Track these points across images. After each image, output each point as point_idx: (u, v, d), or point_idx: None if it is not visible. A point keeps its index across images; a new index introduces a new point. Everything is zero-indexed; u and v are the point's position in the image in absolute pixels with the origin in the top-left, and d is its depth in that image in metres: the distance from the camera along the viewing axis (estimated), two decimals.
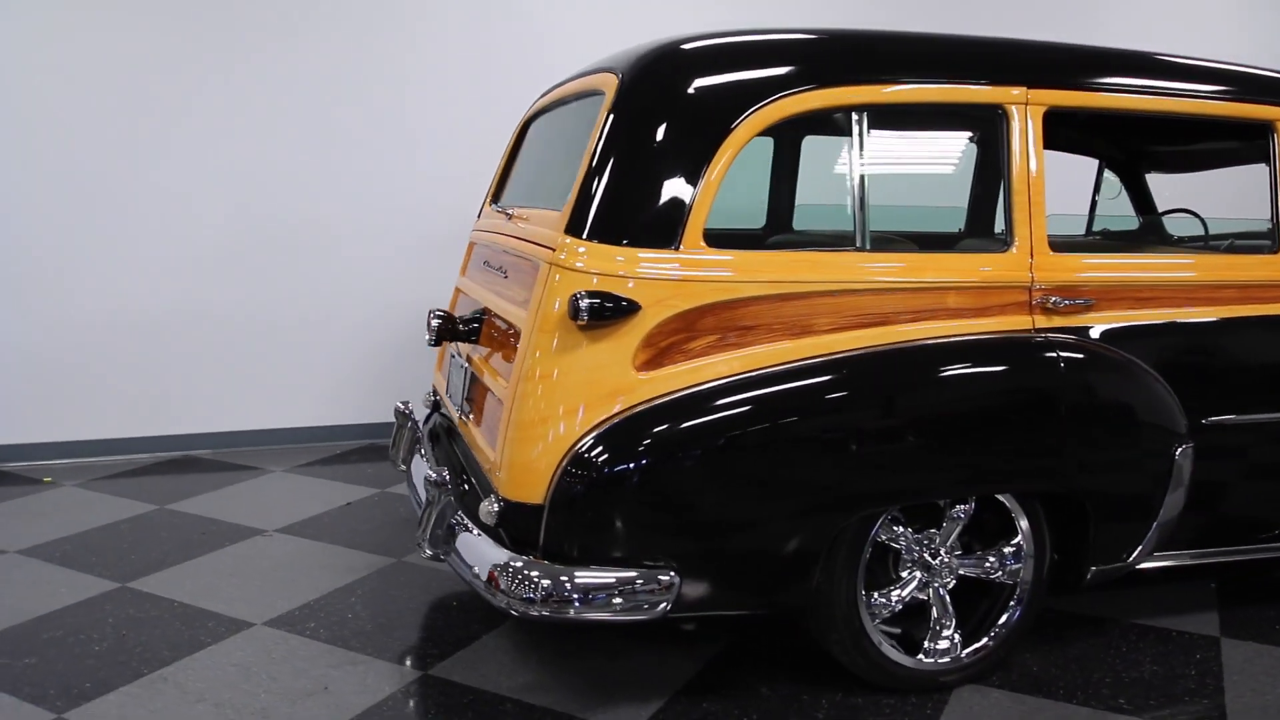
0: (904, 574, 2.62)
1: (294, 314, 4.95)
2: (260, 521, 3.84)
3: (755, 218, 3.93)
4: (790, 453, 2.35)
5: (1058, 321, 2.61)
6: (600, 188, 2.37)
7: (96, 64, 4.52)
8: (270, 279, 4.89)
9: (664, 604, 2.29)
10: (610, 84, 2.52)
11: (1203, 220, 4.03)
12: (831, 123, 3.42)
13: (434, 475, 2.54)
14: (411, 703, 2.53)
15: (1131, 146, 4.22)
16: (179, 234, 4.72)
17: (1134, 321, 2.69)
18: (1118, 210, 4.20)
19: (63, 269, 4.56)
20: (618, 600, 2.26)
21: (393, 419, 3.31)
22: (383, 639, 2.86)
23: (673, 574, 2.28)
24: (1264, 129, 2.93)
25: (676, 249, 2.34)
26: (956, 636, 2.65)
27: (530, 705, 2.52)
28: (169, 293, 4.72)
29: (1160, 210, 4.28)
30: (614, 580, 2.26)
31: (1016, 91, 2.60)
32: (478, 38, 5.07)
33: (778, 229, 3.85)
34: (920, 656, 2.61)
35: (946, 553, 2.62)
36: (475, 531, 2.44)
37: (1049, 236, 2.63)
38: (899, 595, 2.60)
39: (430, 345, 2.98)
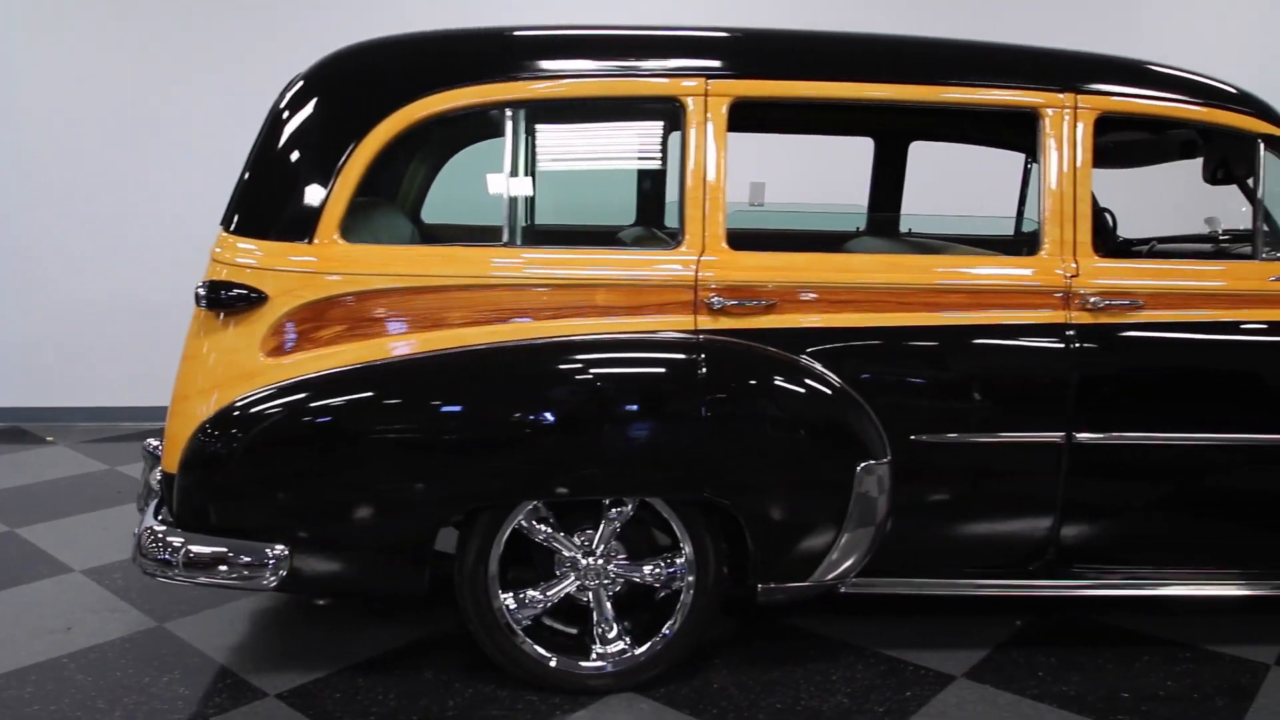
0: (559, 573, 2.60)
1: None
2: None
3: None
4: (391, 444, 2.41)
5: (725, 323, 2.49)
6: (246, 185, 2.54)
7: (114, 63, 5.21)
8: None
9: (274, 577, 2.42)
10: None
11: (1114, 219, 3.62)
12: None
13: (151, 445, 2.81)
14: (122, 647, 2.81)
15: None
16: (173, 230, 5.31)
17: (823, 326, 2.52)
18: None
19: (76, 260, 5.29)
20: (225, 568, 2.42)
21: None
22: (156, 595, 3.15)
23: (282, 549, 2.41)
24: (1028, 119, 2.63)
25: (309, 242, 2.46)
26: (623, 642, 2.60)
27: (210, 660, 2.74)
28: (167, 280, 5.34)
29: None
30: (223, 549, 2.42)
31: (694, 83, 2.52)
32: None
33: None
34: (585, 658, 2.59)
35: (601, 554, 2.57)
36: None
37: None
38: (551, 593, 2.58)
39: None
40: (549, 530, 2.56)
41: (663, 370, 2.45)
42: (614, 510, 2.55)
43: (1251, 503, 2.71)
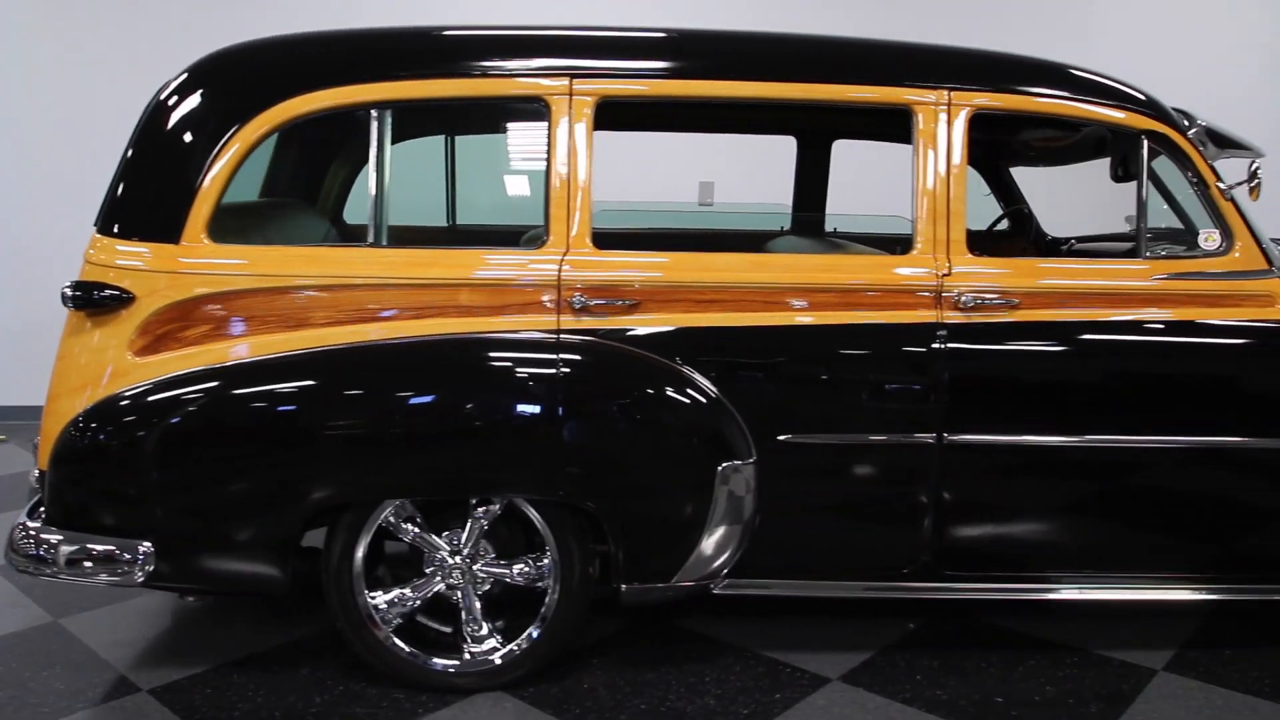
0: (428, 571, 2.60)
1: None
2: None
3: None
4: (249, 443, 2.43)
5: (588, 323, 2.49)
6: (118, 186, 2.56)
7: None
8: None
9: (141, 573, 2.44)
10: None
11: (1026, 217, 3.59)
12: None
13: (35, 441, 2.84)
14: (10, 643, 2.85)
15: (987, 139, 3.77)
16: None
17: (686, 325, 2.51)
18: None
19: (35, 259, 5.36)
20: (91, 564, 2.44)
21: None
22: (60, 592, 3.18)
23: (148, 546, 2.43)
24: (903, 115, 2.61)
25: (176, 243, 2.48)
26: (494, 641, 2.60)
27: (95, 656, 2.77)
28: None
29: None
30: (90, 546, 2.44)
31: (558, 82, 2.52)
32: None
33: None
34: (457, 657, 2.59)
35: (468, 554, 2.57)
36: None
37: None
38: (419, 591, 2.58)
39: None
40: (415, 529, 2.56)
41: (518, 370, 2.45)
42: (480, 510, 2.55)
43: (1132, 505, 2.66)
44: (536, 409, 2.42)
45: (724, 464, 2.45)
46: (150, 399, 2.44)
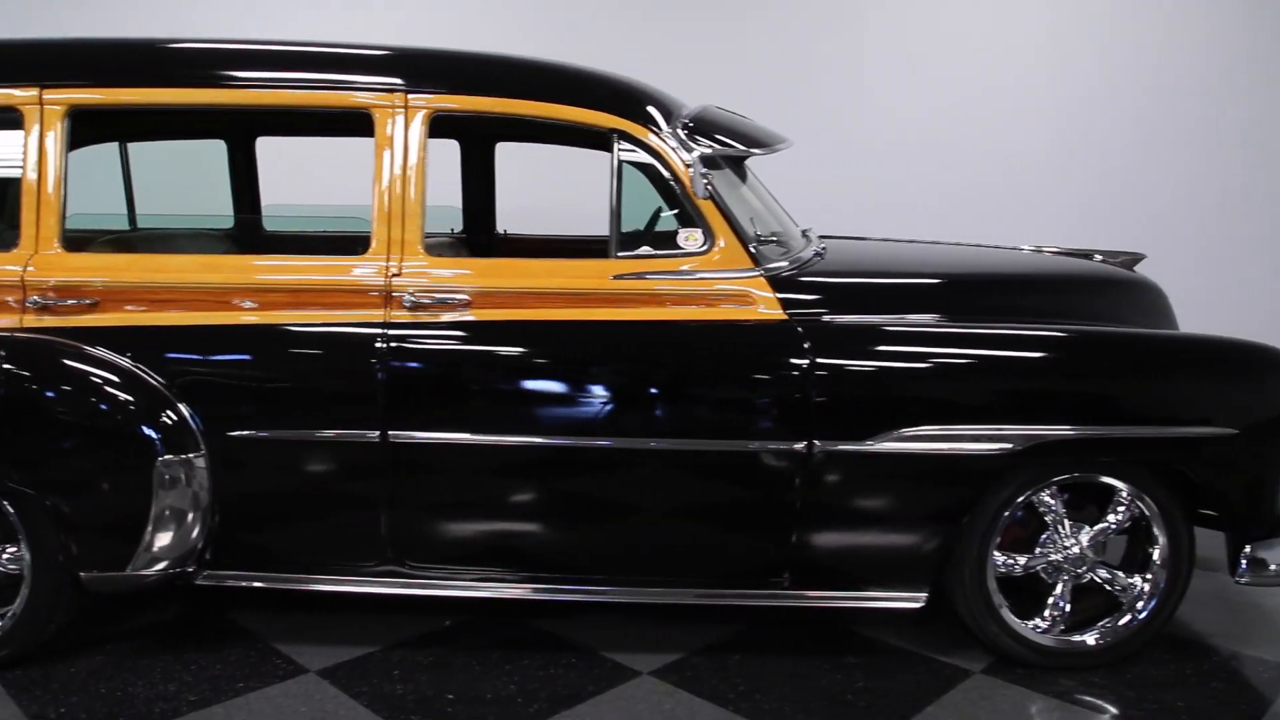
0: None
1: None
2: None
3: None
4: None
5: (50, 321, 2.61)
6: None
7: None
8: None
9: None
10: None
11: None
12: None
13: None
14: None
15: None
16: None
17: (141, 324, 2.61)
18: None
19: None
20: None
21: None
22: None
23: None
24: (364, 119, 2.65)
25: None
26: None
27: None
28: None
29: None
30: None
31: (28, 93, 2.64)
32: None
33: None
34: None
35: None
36: None
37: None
38: None
39: None
40: None
41: None
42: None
43: (590, 506, 2.65)
44: None
45: (164, 458, 2.54)
46: None
